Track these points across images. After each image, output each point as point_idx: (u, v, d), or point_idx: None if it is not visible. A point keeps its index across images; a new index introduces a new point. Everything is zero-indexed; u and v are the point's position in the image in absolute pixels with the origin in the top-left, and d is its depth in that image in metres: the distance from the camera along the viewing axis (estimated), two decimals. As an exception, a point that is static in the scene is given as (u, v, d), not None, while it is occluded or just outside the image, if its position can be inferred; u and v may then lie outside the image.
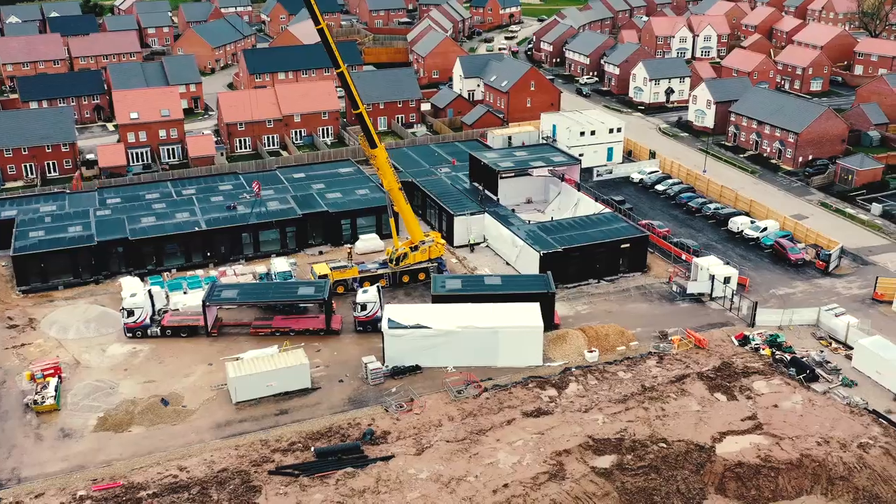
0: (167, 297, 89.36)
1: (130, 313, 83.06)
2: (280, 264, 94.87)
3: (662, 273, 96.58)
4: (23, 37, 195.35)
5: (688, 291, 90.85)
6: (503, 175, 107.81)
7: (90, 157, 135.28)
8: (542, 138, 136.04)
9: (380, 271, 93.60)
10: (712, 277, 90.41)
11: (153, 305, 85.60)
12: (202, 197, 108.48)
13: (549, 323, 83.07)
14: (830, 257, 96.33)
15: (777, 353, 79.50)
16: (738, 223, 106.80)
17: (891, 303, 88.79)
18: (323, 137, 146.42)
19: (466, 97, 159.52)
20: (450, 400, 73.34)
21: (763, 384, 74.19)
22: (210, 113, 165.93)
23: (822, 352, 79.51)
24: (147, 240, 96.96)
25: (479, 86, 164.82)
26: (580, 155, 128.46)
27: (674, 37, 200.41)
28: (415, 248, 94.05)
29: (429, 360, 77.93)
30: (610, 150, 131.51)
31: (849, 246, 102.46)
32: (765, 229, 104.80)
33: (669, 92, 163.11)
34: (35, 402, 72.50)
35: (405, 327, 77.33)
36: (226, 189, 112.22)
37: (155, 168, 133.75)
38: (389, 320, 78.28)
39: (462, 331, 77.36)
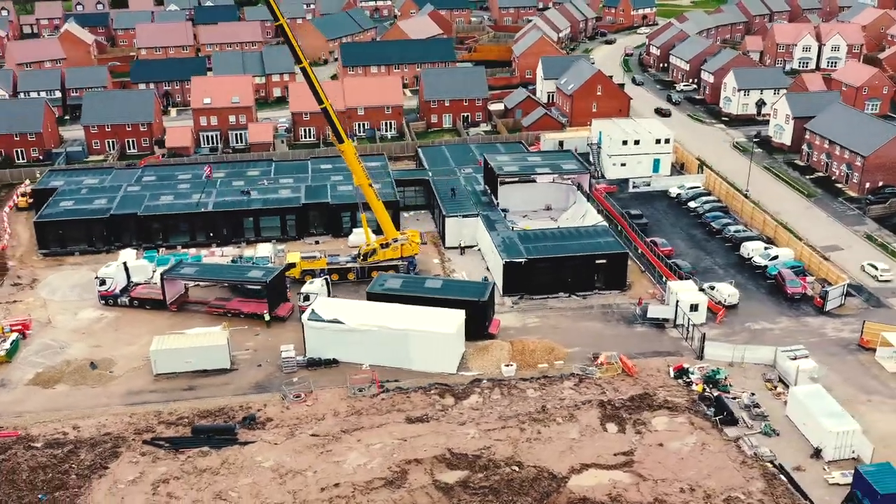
0: (154, 271, 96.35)
1: (102, 282, 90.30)
2: (263, 250, 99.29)
3: (643, 293, 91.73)
4: (160, 24, 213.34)
5: (648, 315, 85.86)
6: (504, 180, 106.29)
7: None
8: (588, 145, 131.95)
9: (349, 265, 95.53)
10: (677, 303, 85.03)
11: (128, 277, 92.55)
12: (226, 180, 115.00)
13: (481, 332, 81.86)
14: (828, 295, 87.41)
15: (708, 390, 73.89)
16: (750, 249, 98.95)
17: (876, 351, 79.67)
18: (386, 131, 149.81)
19: (541, 99, 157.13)
20: (346, 396, 74.34)
21: (665, 420, 69.28)
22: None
23: (753, 395, 72.87)
24: (155, 216, 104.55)
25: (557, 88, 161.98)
26: (622, 165, 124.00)
27: (796, 45, 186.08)
28: (385, 246, 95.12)
29: (346, 356, 79.07)
30: (656, 162, 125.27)
31: (875, 285, 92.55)
32: (775, 257, 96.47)
33: (761, 104, 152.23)
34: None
35: (323, 321, 79.00)
36: (253, 174, 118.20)
37: (219, 151, 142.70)
38: (312, 312, 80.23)
39: (376, 330, 77.89)
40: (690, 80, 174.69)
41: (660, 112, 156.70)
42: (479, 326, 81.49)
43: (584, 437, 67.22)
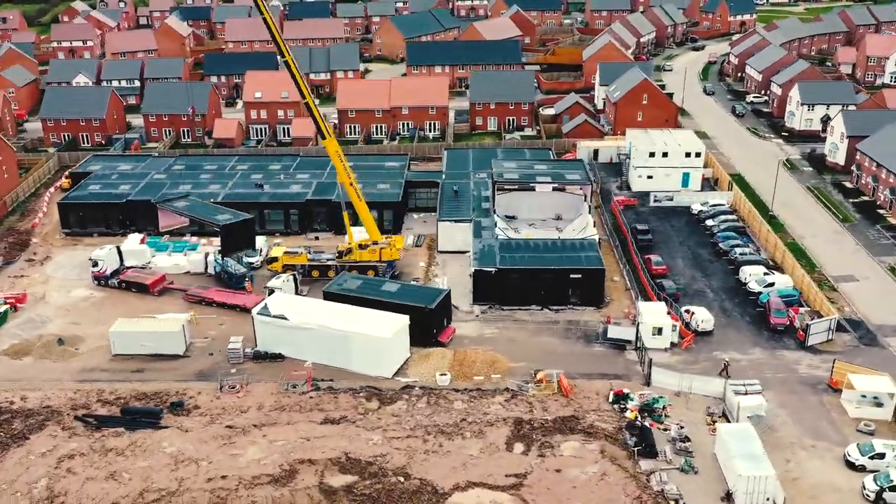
0: (152, 255, 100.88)
1: (95, 264, 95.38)
2: (255, 242, 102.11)
3: (619, 312, 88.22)
4: (248, 19, 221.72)
5: (608, 336, 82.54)
6: (503, 187, 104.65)
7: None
8: (618, 155, 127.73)
9: (329, 262, 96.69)
10: (637, 325, 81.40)
11: (121, 260, 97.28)
12: (246, 172, 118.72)
13: (429, 339, 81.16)
14: (810, 328, 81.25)
15: (640, 418, 70.42)
16: (748, 273, 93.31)
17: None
18: (429, 131, 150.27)
19: (597, 105, 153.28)
20: (278, 391, 75.56)
21: (575, 446, 66.51)
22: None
23: (682, 428, 68.78)
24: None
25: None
26: (648, 177, 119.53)
27: (888, 58, 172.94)
28: (364, 247, 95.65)
29: (291, 352, 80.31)
30: (685, 176, 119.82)
31: (887, 320, 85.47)
32: (771, 284, 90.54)
33: (826, 120, 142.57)
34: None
35: (269, 315, 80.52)
36: (274, 168, 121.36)
37: (261, 145, 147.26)
38: (262, 307, 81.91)
39: (318, 329, 78.66)
40: (762, 92, 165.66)
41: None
42: (426, 333, 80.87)
43: (483, 455, 65.55)
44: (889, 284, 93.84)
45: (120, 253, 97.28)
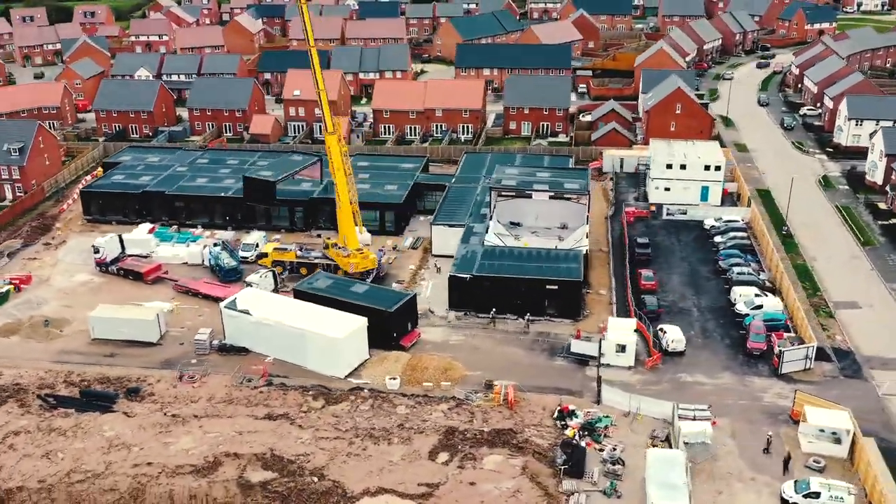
0: (157, 245, 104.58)
1: (96, 250, 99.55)
2: (252, 237, 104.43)
3: (595, 326, 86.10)
4: (315, 17, 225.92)
5: (571, 350, 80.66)
6: (501, 193, 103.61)
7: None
8: (639, 166, 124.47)
9: (316, 260, 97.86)
10: (599, 342, 79.24)
11: (122, 248, 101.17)
12: (259, 169, 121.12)
13: (388, 342, 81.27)
14: (784, 356, 77.22)
15: (579, 436, 68.63)
16: (738, 294, 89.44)
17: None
18: (461, 134, 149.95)
19: (629, 113, 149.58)
20: (232, 384, 77.19)
21: (499, 460, 65.34)
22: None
23: (615, 449, 66.64)
24: (180, 196, 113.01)
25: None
26: (665, 189, 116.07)
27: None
28: (336, 247, 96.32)
29: (255, 346, 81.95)
30: (704, 190, 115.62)
31: (869, 353, 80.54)
32: (759, 307, 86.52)
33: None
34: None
35: (235, 310, 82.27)
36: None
37: (295, 141, 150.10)
38: (232, 301, 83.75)
39: (276, 325, 79.92)
40: (816, 105, 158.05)
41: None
42: (386, 336, 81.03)
43: (403, 462, 65.28)
44: (892, 314, 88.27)
45: (121, 241, 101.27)
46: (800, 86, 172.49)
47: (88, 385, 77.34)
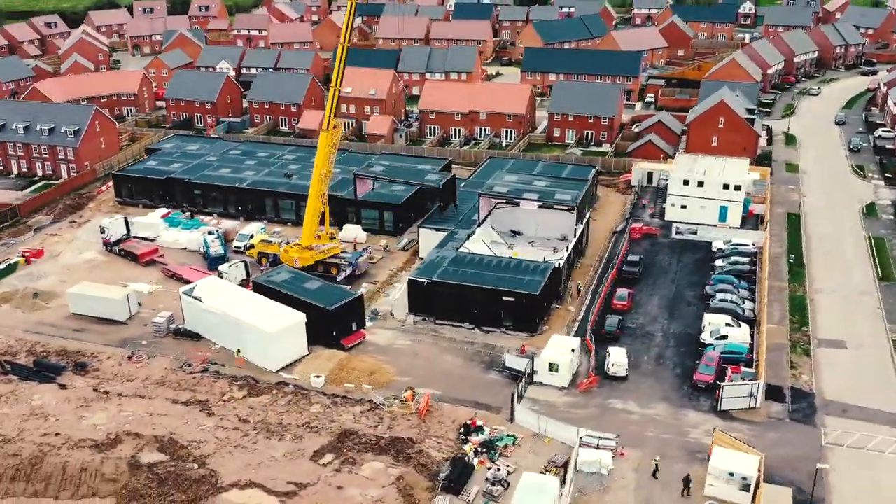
0: (165, 230, 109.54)
1: (102, 231, 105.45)
2: (249, 228, 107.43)
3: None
4: (401, 17, 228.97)
5: (506, 365, 78.46)
6: (491, 201, 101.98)
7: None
8: (661, 180, 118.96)
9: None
10: (531, 358, 76.75)
11: (127, 230, 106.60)
12: (284, 163, 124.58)
13: (329, 340, 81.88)
14: (723, 391, 72.12)
15: (475, 454, 66.84)
16: (708, 321, 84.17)
17: (718, 468, 64.77)
18: (506, 139, 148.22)
19: (679, 125, 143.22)
20: (171, 368, 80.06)
21: (377, 467, 64.55)
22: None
23: (499, 470, 64.39)
24: (198, 185, 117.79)
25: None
26: (682, 207, 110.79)
27: None
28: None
29: (206, 333, 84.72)
30: (723, 210, 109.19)
31: (843, 397, 74.15)
32: (723, 337, 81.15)
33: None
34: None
35: (190, 297, 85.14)
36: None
37: (342, 138, 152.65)
38: (192, 287, 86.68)
39: (220, 314, 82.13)
40: (894, 127, 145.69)
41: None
42: (326, 334, 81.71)
43: (284, 459, 65.81)
44: (879, 357, 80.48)
45: (127, 223, 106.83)
46: (886, 106, 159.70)
47: (47, 356, 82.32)
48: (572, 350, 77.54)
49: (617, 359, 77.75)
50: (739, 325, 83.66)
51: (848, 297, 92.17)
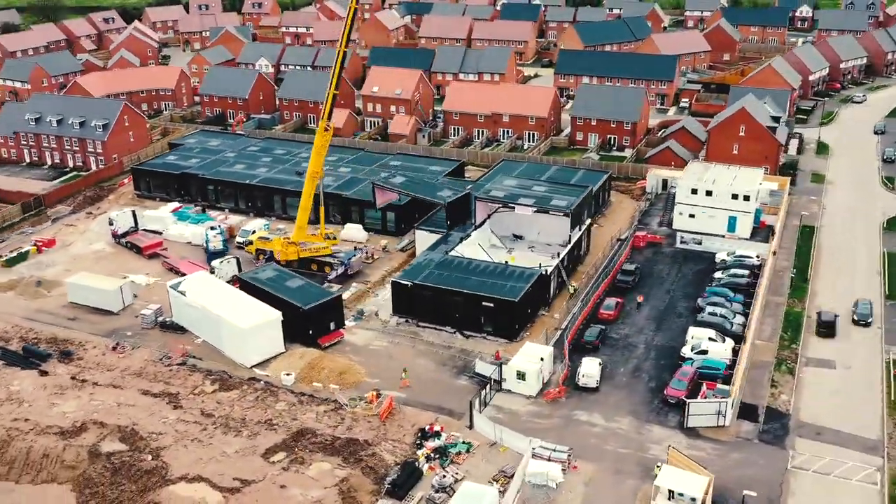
0: (173, 223, 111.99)
1: (111, 223, 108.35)
2: (252, 224, 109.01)
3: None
4: (443, 16, 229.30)
5: (476, 370, 77.78)
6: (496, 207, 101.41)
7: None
8: (670, 188, 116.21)
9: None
10: (500, 365, 75.98)
11: (135, 223, 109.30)
12: (299, 160, 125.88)
13: (305, 338, 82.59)
14: (689, 408, 70.16)
15: (426, 459, 66.56)
16: (692, 335, 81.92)
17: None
18: (528, 141, 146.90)
19: (698, 130, 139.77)
20: (151, 359, 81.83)
21: (325, 468, 64.80)
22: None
23: (444, 477, 63.87)
24: (209, 180, 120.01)
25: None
26: (690, 216, 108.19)
27: None
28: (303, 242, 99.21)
29: (190, 326, 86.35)
30: (732, 221, 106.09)
31: (820, 420, 71.50)
32: (703, 352, 78.95)
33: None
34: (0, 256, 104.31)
35: (177, 291, 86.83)
36: (330, 159, 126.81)
37: (367, 137, 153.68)
38: (180, 282, 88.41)
39: (201, 309, 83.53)
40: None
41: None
42: (303, 332, 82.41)
43: (235, 455, 66.68)
44: (867, 380, 77.08)
45: (134, 216, 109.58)
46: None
47: (37, 343, 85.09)
48: (541, 359, 76.55)
49: (588, 370, 76.39)
50: (724, 340, 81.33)
51: (848, 316, 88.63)
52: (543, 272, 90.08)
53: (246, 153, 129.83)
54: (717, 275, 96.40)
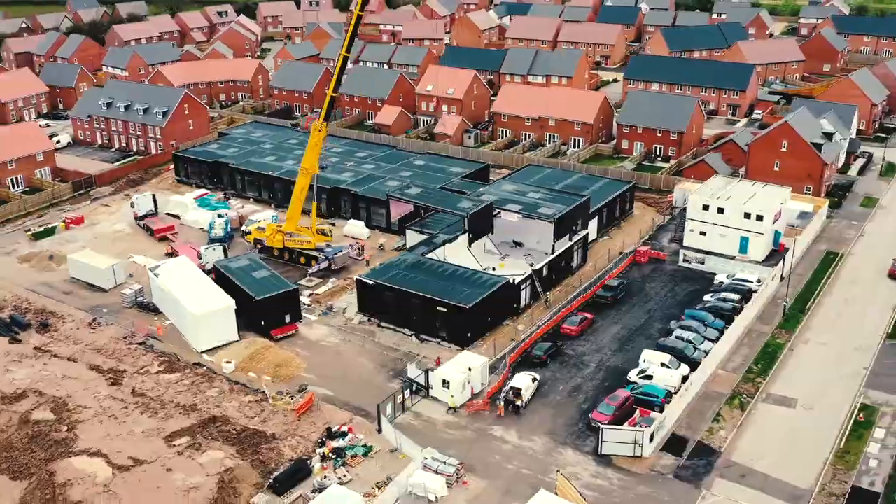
0: (193, 208, 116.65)
1: (132, 205, 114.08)
2: (259, 215, 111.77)
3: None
4: (533, 18, 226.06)
5: (408, 375, 76.63)
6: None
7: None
8: (686, 203, 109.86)
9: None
10: (426, 372, 74.58)
11: (155, 206, 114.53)
12: (325, 155, 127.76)
13: (258, 329, 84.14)
14: (602, 434, 66.39)
15: (320, 457, 66.50)
16: (644, 359, 77.43)
17: (554, 513, 60.04)
18: (573, 147, 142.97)
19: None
20: (117, 336, 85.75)
21: (217, 457, 65.98)
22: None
23: (326, 478, 63.40)
24: (237, 169, 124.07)
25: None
26: (701, 233, 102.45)
27: None
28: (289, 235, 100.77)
29: (163, 308, 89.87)
30: (744, 241, 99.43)
31: (748, 461, 66.30)
32: (649, 377, 74.51)
33: None
34: (29, 229, 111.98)
35: (153, 273, 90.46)
36: (360, 155, 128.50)
37: (416, 135, 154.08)
38: (158, 266, 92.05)
39: (167, 292, 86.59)
40: None
41: None
42: (255, 323, 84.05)
43: (141, 436, 69.04)
44: (825, 423, 70.21)
45: (154, 200, 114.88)
46: None
47: (25, 313, 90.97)
48: (469, 369, 74.69)
49: (521, 383, 73.88)
50: (678, 367, 76.59)
51: (839, 352, 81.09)
52: (511, 281, 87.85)
53: (284, 146, 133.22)
54: (707, 297, 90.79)
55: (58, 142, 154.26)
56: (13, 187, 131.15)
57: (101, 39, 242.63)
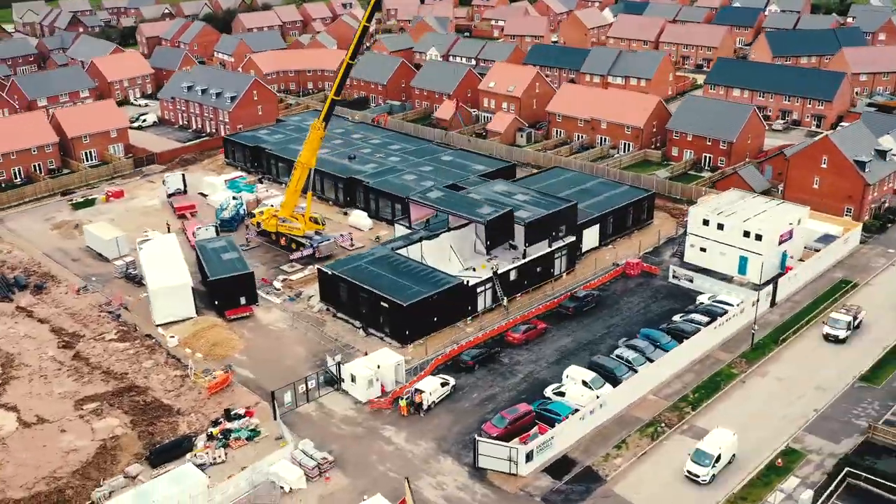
0: (223, 189, 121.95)
1: (164, 182, 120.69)
2: (273, 200, 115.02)
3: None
4: (634, 16, 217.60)
5: (326, 366, 76.85)
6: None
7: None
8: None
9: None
10: (338, 366, 74.63)
11: (184, 185, 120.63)
12: (359, 145, 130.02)
13: (214, 308, 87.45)
14: (479, 447, 63.91)
15: (207, 436, 68.35)
16: (567, 374, 73.64)
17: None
18: (624, 151, 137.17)
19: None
20: (95, 304, 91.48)
21: (113, 424, 69.30)
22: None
23: (197, 457, 64.90)
24: (272, 155, 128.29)
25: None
26: (701, 249, 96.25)
27: None
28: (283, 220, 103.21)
29: (144, 280, 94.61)
30: (743, 261, 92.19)
31: (633, 494, 62.30)
32: (562, 394, 71.02)
33: None
34: (72, 199, 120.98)
35: (139, 247, 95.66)
36: (393, 148, 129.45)
37: (472, 134, 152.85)
38: (145, 240, 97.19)
39: (144, 264, 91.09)
40: None
41: None
42: (211, 303, 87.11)
43: (57, 397, 73.77)
44: (735, 464, 64.51)
45: (184, 179, 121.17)
46: None
47: (30, 275, 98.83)
48: (378, 366, 74.15)
49: (422, 387, 72.61)
50: (601, 386, 72.51)
51: (794, 390, 73.76)
52: (465, 283, 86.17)
53: (329, 136, 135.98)
54: (676, 318, 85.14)
55: (144, 121, 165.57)
56: (86, 160, 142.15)
57: (229, 27, 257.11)
